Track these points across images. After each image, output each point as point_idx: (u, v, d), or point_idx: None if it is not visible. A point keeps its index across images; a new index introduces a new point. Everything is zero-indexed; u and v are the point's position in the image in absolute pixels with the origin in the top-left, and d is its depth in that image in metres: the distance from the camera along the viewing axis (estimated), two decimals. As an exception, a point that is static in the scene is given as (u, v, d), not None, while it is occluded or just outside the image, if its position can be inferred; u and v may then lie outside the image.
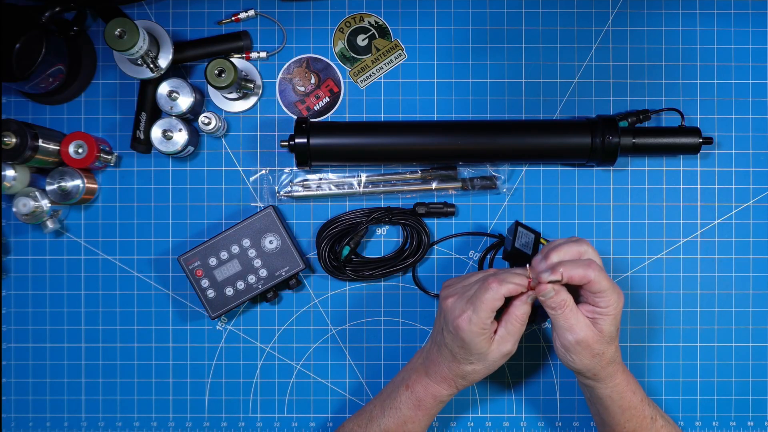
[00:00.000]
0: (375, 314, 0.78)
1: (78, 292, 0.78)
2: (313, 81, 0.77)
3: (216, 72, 0.70)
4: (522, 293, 0.63)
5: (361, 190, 0.76)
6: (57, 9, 0.69)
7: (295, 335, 0.78)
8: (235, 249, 0.74)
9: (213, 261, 0.74)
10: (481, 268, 0.77)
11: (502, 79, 0.77)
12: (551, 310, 0.62)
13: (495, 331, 0.64)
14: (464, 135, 0.72)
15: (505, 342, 0.64)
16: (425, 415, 0.68)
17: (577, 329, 0.62)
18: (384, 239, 0.78)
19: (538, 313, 0.74)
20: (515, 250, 0.70)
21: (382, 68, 0.77)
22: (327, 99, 0.77)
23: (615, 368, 0.65)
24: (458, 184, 0.76)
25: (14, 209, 0.72)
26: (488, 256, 0.77)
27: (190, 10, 0.77)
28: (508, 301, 0.63)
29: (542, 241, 0.73)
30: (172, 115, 0.73)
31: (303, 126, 0.72)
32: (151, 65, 0.72)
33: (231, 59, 0.73)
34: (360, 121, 0.77)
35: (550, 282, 0.61)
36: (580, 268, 0.61)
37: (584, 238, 0.66)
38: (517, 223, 0.72)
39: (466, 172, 0.76)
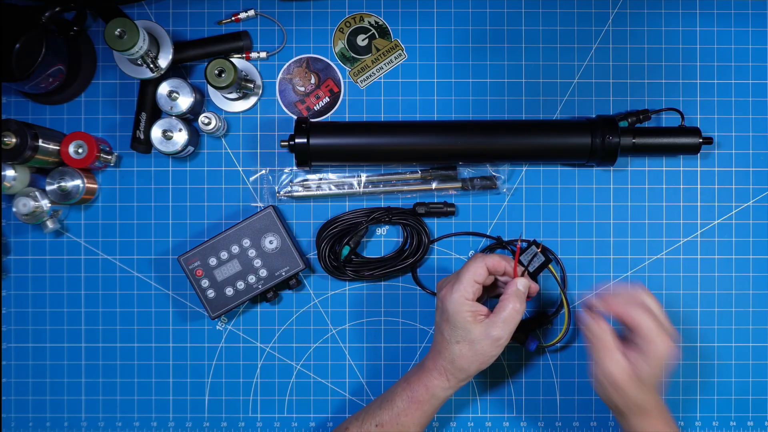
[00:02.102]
0: (375, 314, 0.78)
1: (78, 292, 0.78)
2: (313, 81, 0.77)
3: (216, 72, 0.70)
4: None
5: (361, 190, 0.76)
6: (57, 9, 0.69)
7: (295, 335, 0.78)
8: (235, 249, 0.74)
9: (213, 261, 0.74)
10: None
11: (502, 79, 0.77)
12: (586, 339, 0.65)
13: (486, 315, 0.65)
14: (464, 135, 0.72)
15: (493, 325, 0.63)
16: (418, 409, 0.67)
17: (610, 367, 0.63)
18: (384, 239, 0.78)
19: (529, 336, 0.75)
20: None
21: (382, 68, 0.77)
22: (327, 99, 0.77)
23: (643, 411, 0.64)
24: (458, 184, 0.76)
25: (14, 209, 0.72)
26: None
27: (190, 10, 0.77)
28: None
29: (550, 268, 0.73)
30: (172, 115, 0.73)
31: (303, 126, 0.72)
32: (151, 65, 0.72)
33: (231, 59, 0.73)
34: (360, 121, 0.77)
35: (588, 311, 0.65)
36: (627, 306, 0.64)
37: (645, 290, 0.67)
38: (534, 242, 0.70)
39: (466, 172, 0.76)
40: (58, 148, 0.72)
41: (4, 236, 0.77)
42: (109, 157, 0.75)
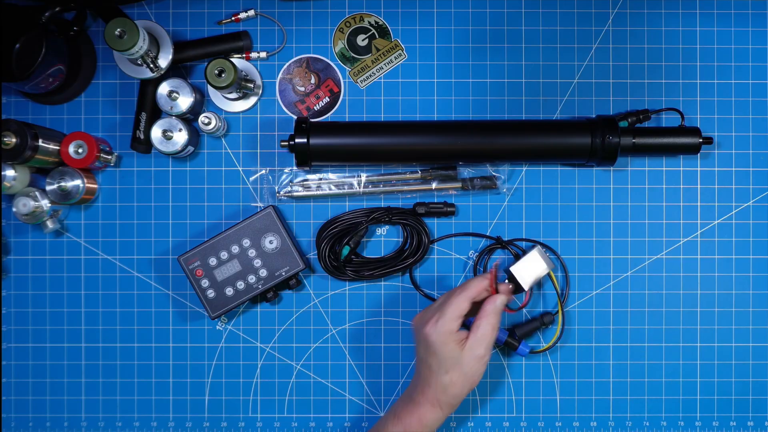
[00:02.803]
0: (375, 314, 0.78)
1: (78, 292, 0.78)
2: (313, 81, 0.77)
3: (216, 72, 0.70)
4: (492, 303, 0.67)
5: (361, 190, 0.76)
6: (57, 9, 0.69)
7: (295, 335, 0.78)
8: (235, 249, 0.74)
9: (213, 261, 0.74)
10: (475, 271, 0.77)
11: (502, 79, 0.77)
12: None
13: (467, 338, 0.66)
14: (464, 135, 0.72)
15: (477, 346, 0.65)
16: None
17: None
18: (384, 239, 0.78)
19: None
20: (508, 272, 0.72)
21: (382, 68, 0.77)
22: (327, 99, 0.77)
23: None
24: (458, 184, 0.76)
25: (14, 209, 0.72)
26: (483, 259, 0.77)
27: (190, 10, 0.77)
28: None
29: (551, 275, 0.75)
30: (172, 115, 0.73)
31: (303, 126, 0.72)
32: (151, 65, 0.72)
33: (231, 59, 0.73)
34: (360, 121, 0.77)
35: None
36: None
37: None
38: (536, 247, 0.72)
39: (466, 172, 0.76)
40: (58, 148, 0.72)
41: (4, 236, 0.77)
42: (109, 157, 0.75)
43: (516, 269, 0.71)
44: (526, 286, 0.70)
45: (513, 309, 0.76)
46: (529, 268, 0.71)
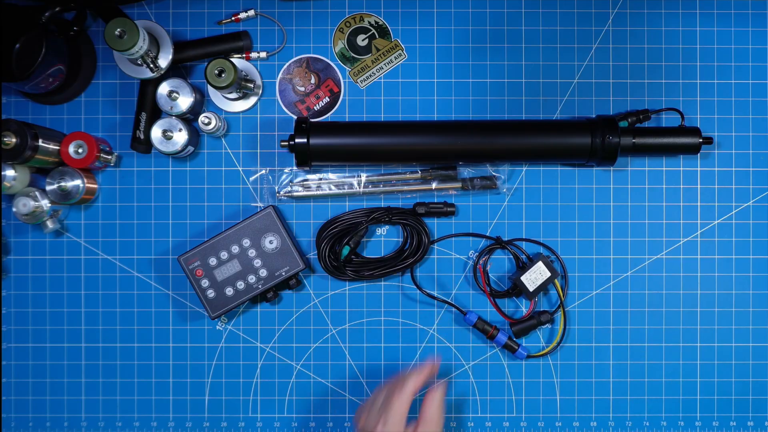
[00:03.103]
0: (375, 314, 0.78)
1: (78, 292, 0.78)
2: (313, 81, 0.77)
3: (216, 72, 0.70)
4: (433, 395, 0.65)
5: (361, 190, 0.76)
6: (57, 9, 0.69)
7: (295, 335, 0.78)
8: (235, 249, 0.74)
9: (213, 261, 0.74)
10: (475, 271, 0.77)
11: (502, 79, 0.77)
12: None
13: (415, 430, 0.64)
14: (464, 135, 0.72)
15: None
16: None
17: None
18: (384, 239, 0.78)
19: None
20: (519, 282, 0.74)
21: (382, 68, 0.77)
22: (327, 99, 0.77)
23: None
24: (458, 184, 0.76)
25: (14, 209, 0.72)
26: (481, 261, 0.77)
27: (190, 10, 0.77)
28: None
29: (555, 283, 0.75)
30: (172, 115, 0.73)
31: (303, 126, 0.72)
32: (151, 65, 0.72)
33: (231, 59, 0.73)
34: (360, 121, 0.77)
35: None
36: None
37: None
38: (541, 257, 0.74)
39: (466, 172, 0.76)
40: (58, 148, 0.72)
41: (4, 236, 0.77)
42: (109, 157, 0.75)
43: (523, 279, 0.74)
44: (532, 295, 0.74)
45: (515, 319, 0.76)
46: (535, 278, 0.74)
